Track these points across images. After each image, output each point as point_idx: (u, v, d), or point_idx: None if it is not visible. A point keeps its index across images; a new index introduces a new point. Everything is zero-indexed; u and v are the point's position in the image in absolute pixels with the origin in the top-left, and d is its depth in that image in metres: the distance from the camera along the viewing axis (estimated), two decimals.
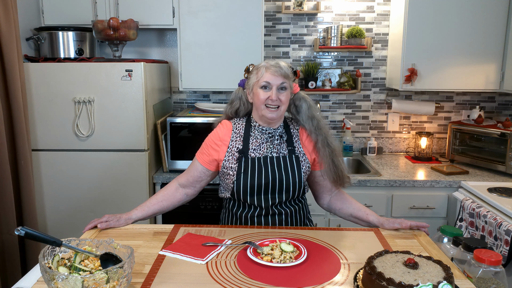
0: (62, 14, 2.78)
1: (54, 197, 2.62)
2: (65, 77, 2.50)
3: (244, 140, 1.65)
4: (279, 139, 1.67)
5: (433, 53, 2.81)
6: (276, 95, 1.57)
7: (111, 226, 1.60)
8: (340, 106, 3.28)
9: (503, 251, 2.01)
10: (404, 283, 1.05)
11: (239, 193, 1.63)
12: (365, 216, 1.69)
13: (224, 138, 1.67)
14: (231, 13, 2.77)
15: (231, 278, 1.25)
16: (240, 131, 1.68)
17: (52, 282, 1.04)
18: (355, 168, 3.13)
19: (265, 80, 1.57)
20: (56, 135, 2.56)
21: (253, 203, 1.64)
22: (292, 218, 1.69)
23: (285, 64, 1.61)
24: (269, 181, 1.61)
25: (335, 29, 3.05)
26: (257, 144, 1.65)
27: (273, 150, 1.66)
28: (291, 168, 1.64)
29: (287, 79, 1.58)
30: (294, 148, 1.67)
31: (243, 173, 1.61)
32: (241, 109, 1.72)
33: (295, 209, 1.69)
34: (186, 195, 1.75)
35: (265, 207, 1.64)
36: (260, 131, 1.66)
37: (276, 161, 1.64)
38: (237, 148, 1.65)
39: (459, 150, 3.00)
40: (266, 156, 1.64)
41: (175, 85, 3.24)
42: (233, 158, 1.64)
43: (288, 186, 1.63)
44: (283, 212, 1.66)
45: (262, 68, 1.59)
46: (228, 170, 1.64)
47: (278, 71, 1.56)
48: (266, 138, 1.66)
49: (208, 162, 1.69)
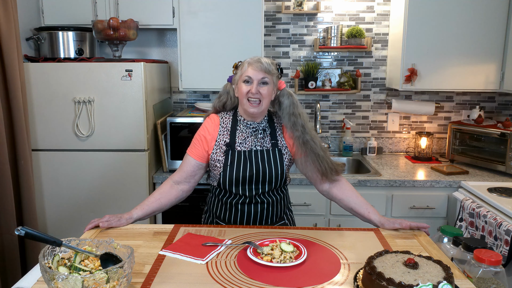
0: (62, 14, 2.78)
1: (54, 197, 2.62)
2: (65, 77, 2.50)
3: (231, 134, 1.74)
4: (262, 133, 1.75)
5: (433, 53, 2.81)
6: (256, 88, 1.64)
7: (112, 226, 1.60)
8: (340, 106, 3.28)
9: (503, 251, 2.01)
10: (404, 283, 1.05)
11: (225, 183, 1.72)
12: (366, 213, 1.69)
13: (213, 132, 1.75)
14: (231, 13, 2.77)
15: (231, 278, 1.25)
16: (227, 126, 1.76)
17: (52, 282, 1.05)
18: (355, 168, 3.14)
19: (247, 75, 1.65)
20: (56, 135, 2.56)
21: (238, 193, 1.72)
22: (274, 207, 1.77)
23: (268, 60, 1.68)
24: (253, 173, 1.69)
25: (335, 29, 3.05)
26: (242, 138, 1.73)
27: (257, 143, 1.74)
28: (273, 160, 1.72)
29: (268, 74, 1.65)
30: (277, 142, 1.76)
31: (229, 165, 1.70)
32: (228, 103, 1.81)
33: (277, 198, 1.78)
34: (182, 191, 1.78)
35: (249, 196, 1.72)
36: (245, 125, 1.74)
37: (260, 154, 1.72)
38: (225, 142, 1.73)
39: (459, 150, 3.00)
40: (251, 150, 1.73)
41: (175, 85, 3.25)
42: (221, 151, 1.72)
43: (271, 178, 1.71)
44: (265, 201, 1.74)
45: (245, 64, 1.68)
46: (216, 162, 1.72)
47: (259, 67, 1.64)
48: (250, 132, 1.74)
49: (200, 156, 1.75)
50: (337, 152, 3.30)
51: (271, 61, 1.69)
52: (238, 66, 1.73)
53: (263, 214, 1.75)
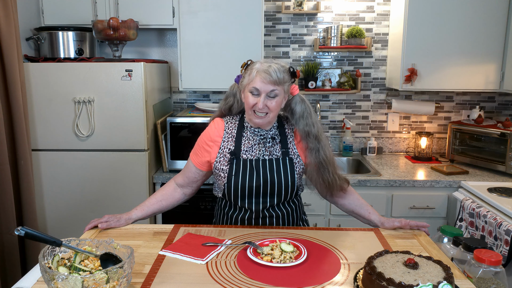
0: (62, 14, 2.78)
1: (54, 197, 2.62)
2: (65, 77, 2.50)
3: (236, 141, 1.61)
4: (271, 141, 1.62)
5: (433, 53, 2.81)
6: (263, 103, 1.49)
7: (112, 226, 1.60)
8: (340, 106, 3.28)
9: (503, 251, 2.01)
10: (404, 283, 1.05)
11: (230, 195, 1.61)
12: (367, 214, 1.69)
13: (216, 138, 1.63)
14: (231, 13, 2.77)
15: (231, 278, 1.25)
16: (232, 131, 1.63)
17: (52, 282, 1.04)
18: (355, 168, 3.13)
19: (254, 86, 1.50)
20: (56, 135, 2.56)
21: (244, 206, 1.62)
22: (285, 220, 1.66)
23: (279, 67, 1.51)
24: (260, 184, 1.57)
25: (335, 29, 3.05)
26: (249, 146, 1.61)
27: (265, 152, 1.61)
28: (284, 170, 1.59)
29: (278, 85, 1.50)
30: (288, 150, 1.62)
31: (234, 175, 1.58)
32: (235, 106, 1.67)
33: (288, 211, 1.66)
34: (184, 195, 1.75)
35: (256, 210, 1.61)
36: (252, 132, 1.62)
37: (268, 163, 1.59)
38: (229, 149, 1.61)
39: (459, 150, 3.00)
40: (258, 159, 1.59)
41: (175, 85, 3.24)
42: (225, 159, 1.60)
43: (280, 189, 1.58)
44: (274, 215, 1.63)
45: (254, 71, 1.51)
46: (220, 171, 1.61)
47: (267, 78, 1.47)
48: (258, 140, 1.61)
49: (201, 164, 1.67)
50: (337, 152, 3.30)
51: (283, 68, 1.53)
52: (248, 67, 1.57)
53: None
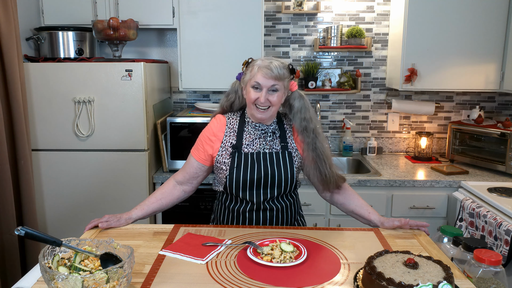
0: (62, 14, 2.78)
1: (54, 197, 2.62)
2: (65, 77, 2.50)
3: (237, 136, 1.66)
4: (271, 135, 1.69)
5: (433, 53, 2.81)
6: (265, 97, 1.57)
7: (112, 226, 1.60)
8: (340, 106, 3.28)
9: (503, 251, 2.01)
10: (404, 283, 1.05)
11: (232, 187, 1.65)
12: (367, 214, 1.69)
13: (218, 133, 1.68)
14: (231, 13, 2.77)
15: (231, 278, 1.25)
16: (234, 126, 1.69)
17: (52, 282, 1.04)
18: (355, 168, 3.13)
19: (256, 81, 1.57)
20: (56, 135, 2.56)
21: (245, 198, 1.65)
22: (283, 213, 1.70)
23: (280, 64, 1.58)
24: (261, 176, 1.62)
25: (335, 29, 3.05)
26: (250, 140, 1.67)
27: (266, 146, 1.67)
28: (283, 163, 1.65)
29: (279, 80, 1.57)
30: (287, 144, 1.69)
31: (236, 168, 1.63)
32: (236, 102, 1.73)
33: (286, 204, 1.71)
34: (184, 192, 1.76)
35: (257, 202, 1.65)
36: (253, 127, 1.68)
37: (269, 157, 1.65)
38: (231, 143, 1.66)
39: (459, 150, 3.00)
40: (259, 152, 1.65)
41: (175, 85, 3.24)
42: (227, 153, 1.66)
43: (280, 181, 1.64)
44: (274, 208, 1.67)
45: (256, 67, 1.58)
46: (222, 165, 1.66)
47: (269, 74, 1.55)
48: (259, 134, 1.67)
49: (204, 158, 1.70)
50: (337, 152, 3.30)
51: (283, 64, 1.60)
52: (249, 64, 1.64)
53: (273, 221, 1.68)
